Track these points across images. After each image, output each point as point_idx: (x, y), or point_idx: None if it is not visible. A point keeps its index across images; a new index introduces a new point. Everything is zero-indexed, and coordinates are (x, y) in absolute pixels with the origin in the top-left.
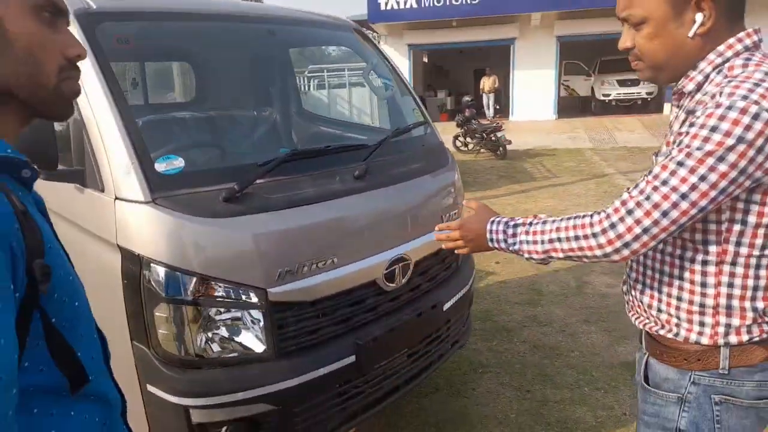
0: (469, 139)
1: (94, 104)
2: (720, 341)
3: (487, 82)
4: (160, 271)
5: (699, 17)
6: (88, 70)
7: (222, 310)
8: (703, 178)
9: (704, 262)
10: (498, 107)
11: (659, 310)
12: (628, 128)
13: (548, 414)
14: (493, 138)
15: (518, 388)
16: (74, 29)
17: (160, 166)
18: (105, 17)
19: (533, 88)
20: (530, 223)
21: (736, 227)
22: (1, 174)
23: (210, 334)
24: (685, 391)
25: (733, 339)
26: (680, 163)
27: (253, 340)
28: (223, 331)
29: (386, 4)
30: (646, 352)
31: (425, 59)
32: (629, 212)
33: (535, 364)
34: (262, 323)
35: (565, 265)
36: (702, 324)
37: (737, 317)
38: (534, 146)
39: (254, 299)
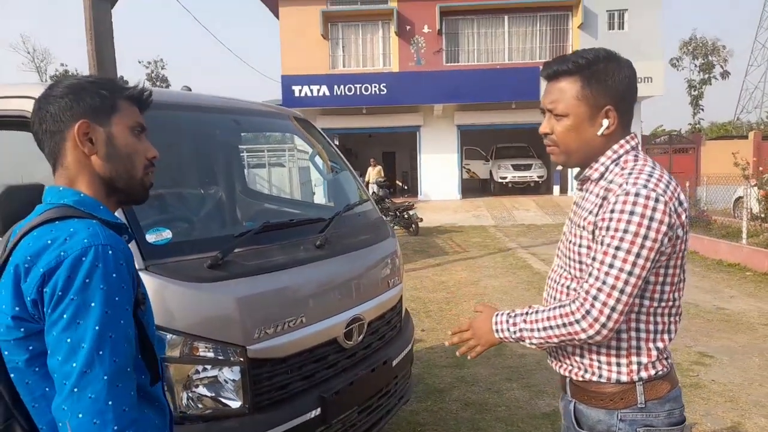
0: (383, 217)
1: None
2: (635, 377)
3: (372, 173)
4: (165, 335)
5: (605, 122)
6: None
7: (207, 367)
8: (638, 255)
9: None
10: (407, 187)
11: (582, 356)
12: (524, 207)
13: None
14: (405, 216)
15: None
16: None
17: (150, 237)
18: None
19: (439, 171)
20: (527, 313)
21: (642, 284)
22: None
23: (193, 392)
24: (615, 428)
25: (644, 374)
26: (618, 248)
27: (232, 396)
28: (206, 388)
29: (300, 91)
30: (572, 400)
31: (336, 142)
32: (595, 298)
33: (468, 420)
34: (240, 379)
35: None
36: (618, 365)
37: (645, 356)
38: (443, 223)
39: (235, 356)
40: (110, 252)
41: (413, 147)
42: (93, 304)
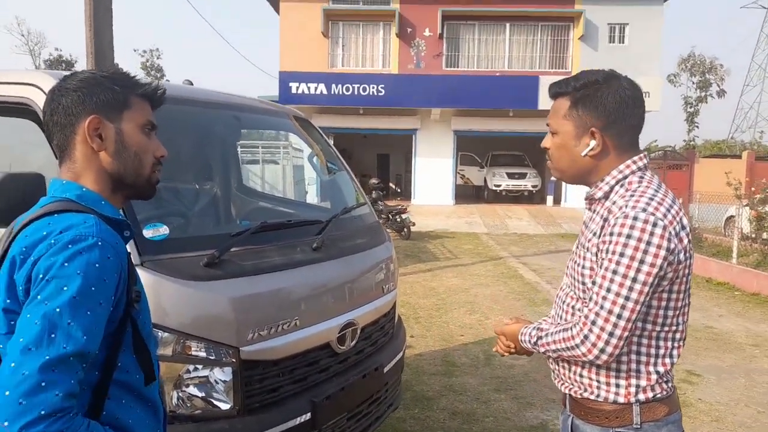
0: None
1: None
2: (632, 399)
3: None
4: (158, 333)
5: (592, 143)
6: None
7: (198, 367)
8: (634, 280)
9: None
10: (400, 190)
11: (581, 376)
12: (517, 216)
13: None
14: (398, 219)
15: None
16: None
17: (147, 233)
18: None
19: (433, 175)
20: (539, 337)
21: (644, 309)
22: (120, 231)
23: (183, 391)
24: None
25: (641, 396)
26: (615, 272)
27: (222, 397)
28: (196, 389)
29: (297, 88)
30: (570, 414)
31: (331, 141)
32: (593, 323)
33: (455, 429)
34: (231, 380)
35: (473, 339)
36: (617, 386)
37: (644, 379)
38: (435, 228)
39: (228, 357)
40: (99, 244)
41: (408, 150)
42: (65, 288)
